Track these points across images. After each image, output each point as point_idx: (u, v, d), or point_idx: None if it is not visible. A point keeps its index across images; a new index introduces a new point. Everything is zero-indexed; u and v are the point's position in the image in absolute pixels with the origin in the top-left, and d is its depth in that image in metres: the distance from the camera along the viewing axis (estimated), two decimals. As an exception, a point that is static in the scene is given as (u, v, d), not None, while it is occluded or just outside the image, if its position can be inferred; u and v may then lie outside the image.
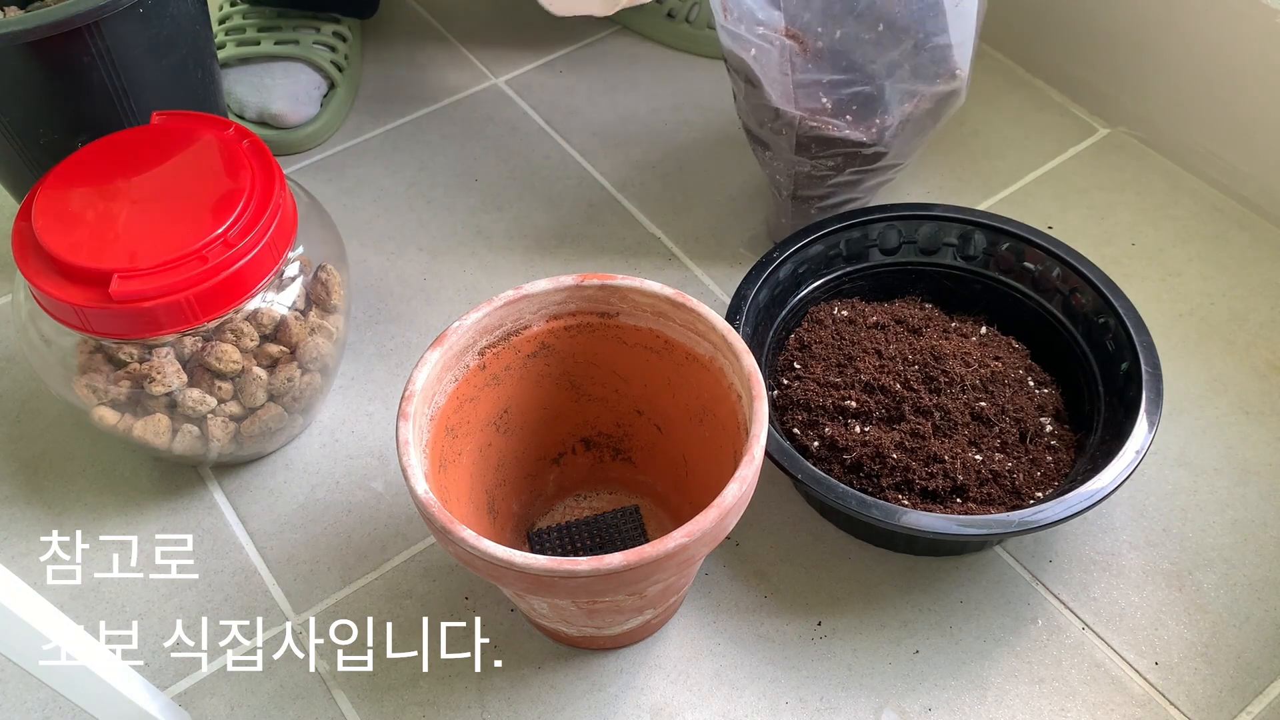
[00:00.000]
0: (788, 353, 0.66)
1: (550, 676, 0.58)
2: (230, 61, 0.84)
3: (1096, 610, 0.60)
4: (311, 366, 0.62)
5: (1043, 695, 0.57)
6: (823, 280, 0.68)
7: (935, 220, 0.68)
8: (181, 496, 0.66)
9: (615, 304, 0.56)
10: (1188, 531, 0.63)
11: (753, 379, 0.51)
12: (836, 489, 0.55)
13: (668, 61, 0.90)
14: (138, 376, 0.57)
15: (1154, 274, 0.75)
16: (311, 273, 0.62)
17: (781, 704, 0.57)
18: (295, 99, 0.83)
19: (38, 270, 0.55)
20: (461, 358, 0.54)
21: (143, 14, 0.63)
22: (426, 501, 0.47)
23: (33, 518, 0.65)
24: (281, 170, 0.59)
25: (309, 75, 0.84)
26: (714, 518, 0.47)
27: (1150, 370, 0.60)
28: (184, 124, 0.61)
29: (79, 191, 0.58)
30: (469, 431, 0.56)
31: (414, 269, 0.77)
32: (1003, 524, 0.54)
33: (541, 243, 0.78)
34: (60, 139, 0.65)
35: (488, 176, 0.83)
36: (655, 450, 0.61)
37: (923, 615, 0.60)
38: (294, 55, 0.84)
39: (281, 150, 0.84)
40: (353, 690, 0.58)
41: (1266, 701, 0.57)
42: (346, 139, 0.85)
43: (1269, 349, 0.71)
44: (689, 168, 0.83)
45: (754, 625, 0.59)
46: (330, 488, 0.66)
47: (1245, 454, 0.66)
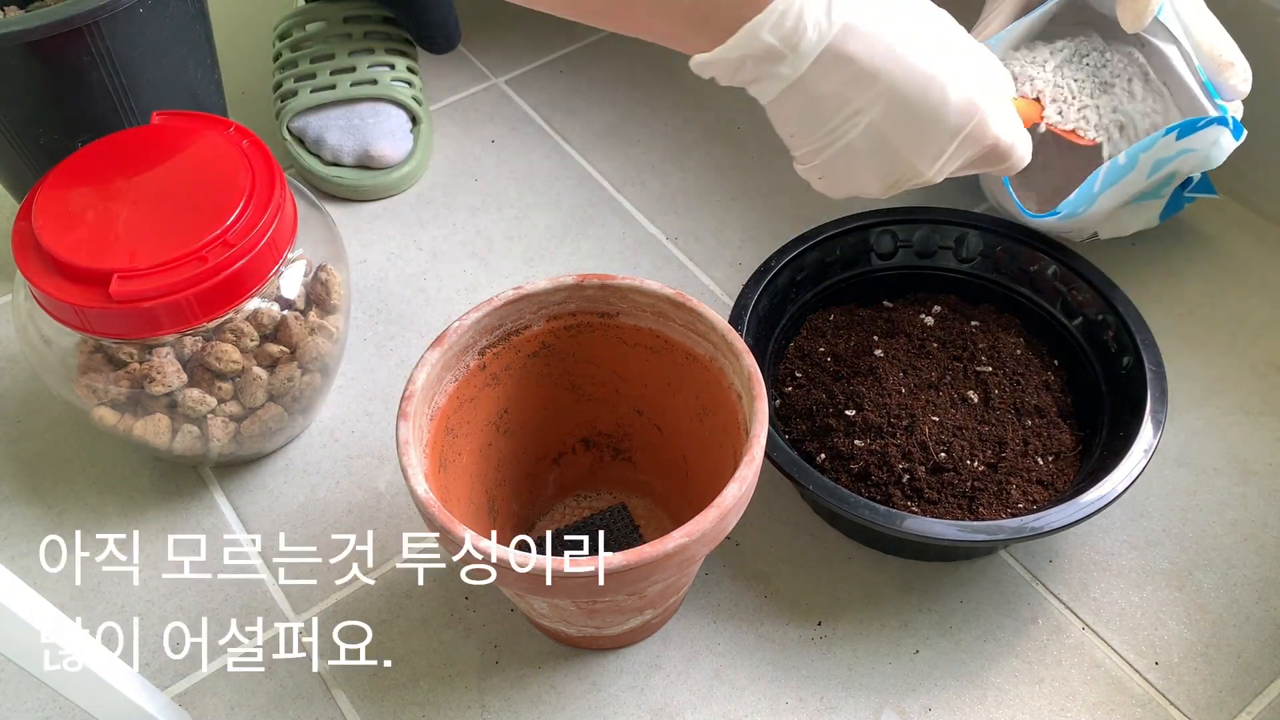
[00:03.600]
0: (788, 361, 0.66)
1: (550, 676, 0.58)
2: (307, 108, 0.80)
3: (1097, 610, 0.60)
4: (311, 366, 0.62)
5: (1043, 695, 0.57)
6: (820, 287, 0.68)
7: (931, 223, 0.68)
8: (181, 496, 0.66)
9: (615, 304, 0.56)
10: (1188, 531, 0.63)
11: (753, 379, 0.51)
12: (848, 499, 0.55)
13: (668, 60, 0.90)
14: (138, 376, 0.57)
15: (1154, 274, 0.75)
16: (311, 273, 0.62)
17: (781, 704, 0.57)
18: (393, 137, 0.80)
19: (38, 270, 0.55)
20: (461, 358, 0.54)
21: (143, 14, 0.63)
22: (426, 501, 0.47)
23: (33, 518, 0.65)
24: (281, 170, 0.59)
25: (397, 113, 0.81)
26: (714, 518, 0.47)
27: (1154, 369, 0.60)
28: (184, 124, 0.61)
29: (79, 191, 0.58)
30: (469, 431, 0.56)
31: (414, 269, 0.77)
32: (1015, 530, 0.54)
33: (541, 243, 0.78)
34: (60, 139, 0.65)
35: (487, 176, 0.83)
36: (655, 450, 0.61)
37: (923, 615, 0.60)
38: (377, 95, 0.80)
39: (376, 195, 0.81)
40: (353, 690, 0.58)
41: (1266, 701, 0.57)
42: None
43: (1269, 349, 0.71)
44: (689, 168, 0.83)
45: (754, 625, 0.59)
46: (330, 488, 0.66)
47: (1245, 454, 0.66)
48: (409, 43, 0.85)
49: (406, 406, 0.51)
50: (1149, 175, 0.64)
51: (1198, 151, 0.63)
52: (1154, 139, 0.62)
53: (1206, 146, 0.63)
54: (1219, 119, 0.62)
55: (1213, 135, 0.62)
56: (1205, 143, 0.63)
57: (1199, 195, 0.72)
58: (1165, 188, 0.68)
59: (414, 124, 0.82)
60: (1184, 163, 0.64)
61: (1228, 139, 0.63)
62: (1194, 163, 0.65)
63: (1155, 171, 0.64)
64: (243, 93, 0.87)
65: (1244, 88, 0.65)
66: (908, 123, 0.43)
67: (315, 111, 0.81)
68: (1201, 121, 0.62)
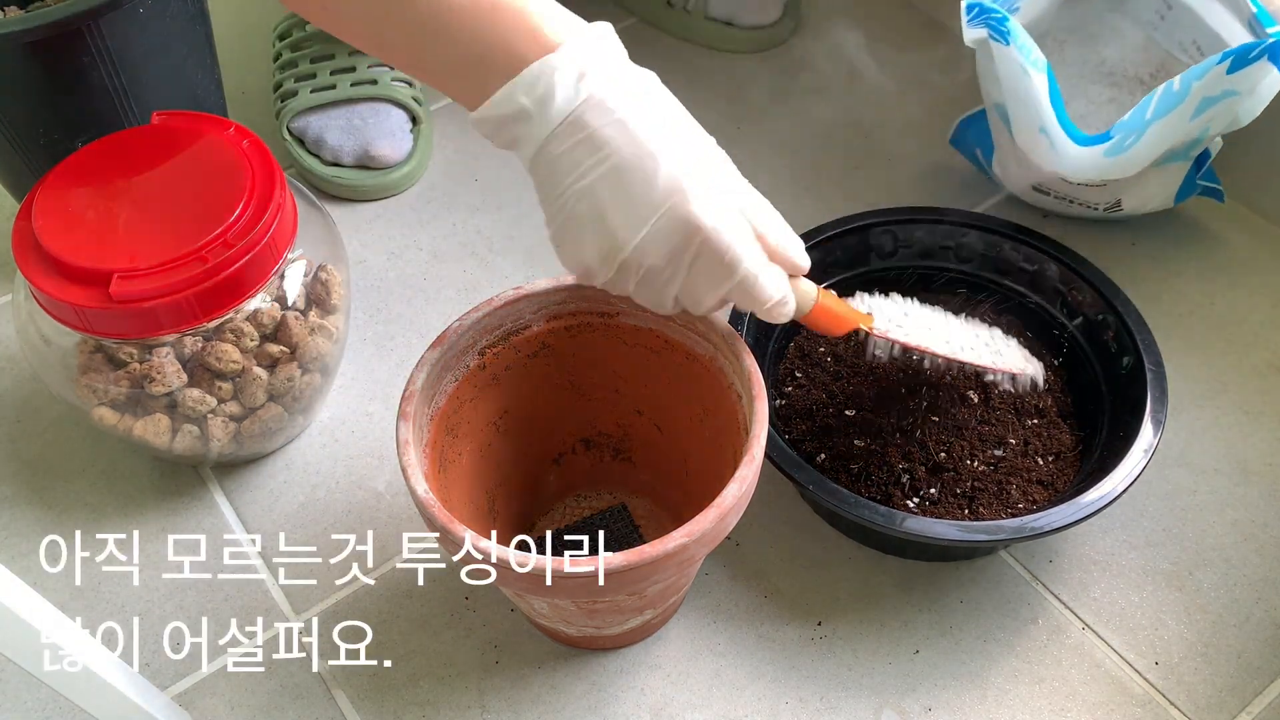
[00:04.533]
0: (788, 361, 0.66)
1: (550, 676, 0.58)
2: (307, 108, 0.80)
3: (1097, 610, 0.60)
4: (311, 366, 0.62)
5: (1043, 695, 0.57)
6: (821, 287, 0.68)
7: (931, 223, 0.68)
8: (181, 496, 0.66)
9: (615, 304, 0.56)
10: (1188, 531, 0.63)
11: (753, 379, 0.51)
12: (848, 499, 0.55)
13: (668, 56, 0.90)
14: (138, 376, 0.57)
15: (1154, 274, 0.75)
16: (311, 273, 0.62)
17: (781, 704, 0.57)
18: (393, 137, 0.80)
19: (38, 270, 0.55)
20: (461, 358, 0.54)
21: (143, 14, 0.63)
22: (426, 501, 0.47)
23: (33, 518, 0.65)
24: (282, 170, 0.59)
25: (397, 113, 0.81)
26: (714, 518, 0.47)
27: (1154, 369, 0.60)
28: (184, 124, 0.61)
29: (79, 191, 0.58)
30: (469, 431, 0.56)
31: (414, 269, 0.77)
32: (1015, 530, 0.54)
33: (541, 243, 0.78)
34: (60, 139, 0.65)
35: (487, 176, 0.83)
36: (655, 450, 0.61)
37: (923, 615, 0.60)
38: (377, 95, 0.80)
39: (375, 194, 0.81)
40: (353, 690, 0.58)
41: (1266, 701, 0.57)
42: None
43: (1269, 349, 0.71)
44: (689, 168, 0.82)
45: (754, 625, 0.59)
46: (330, 488, 0.66)
47: (1245, 454, 0.66)
48: None
49: (406, 406, 0.51)
50: (1193, 117, 0.64)
51: (1241, 95, 0.63)
52: (1207, 66, 0.62)
53: (1252, 88, 0.63)
54: (1273, 47, 0.61)
55: (1262, 72, 0.62)
56: (1252, 82, 0.63)
57: (1207, 184, 0.72)
58: (1194, 149, 0.68)
59: (414, 124, 0.82)
60: (1226, 110, 0.64)
61: (1273, 79, 0.62)
62: (1234, 112, 0.64)
63: (1198, 115, 0.64)
64: (243, 93, 0.87)
65: None
66: (620, 190, 0.45)
67: (315, 111, 0.81)
68: (1254, 50, 0.62)
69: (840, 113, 0.86)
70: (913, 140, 0.83)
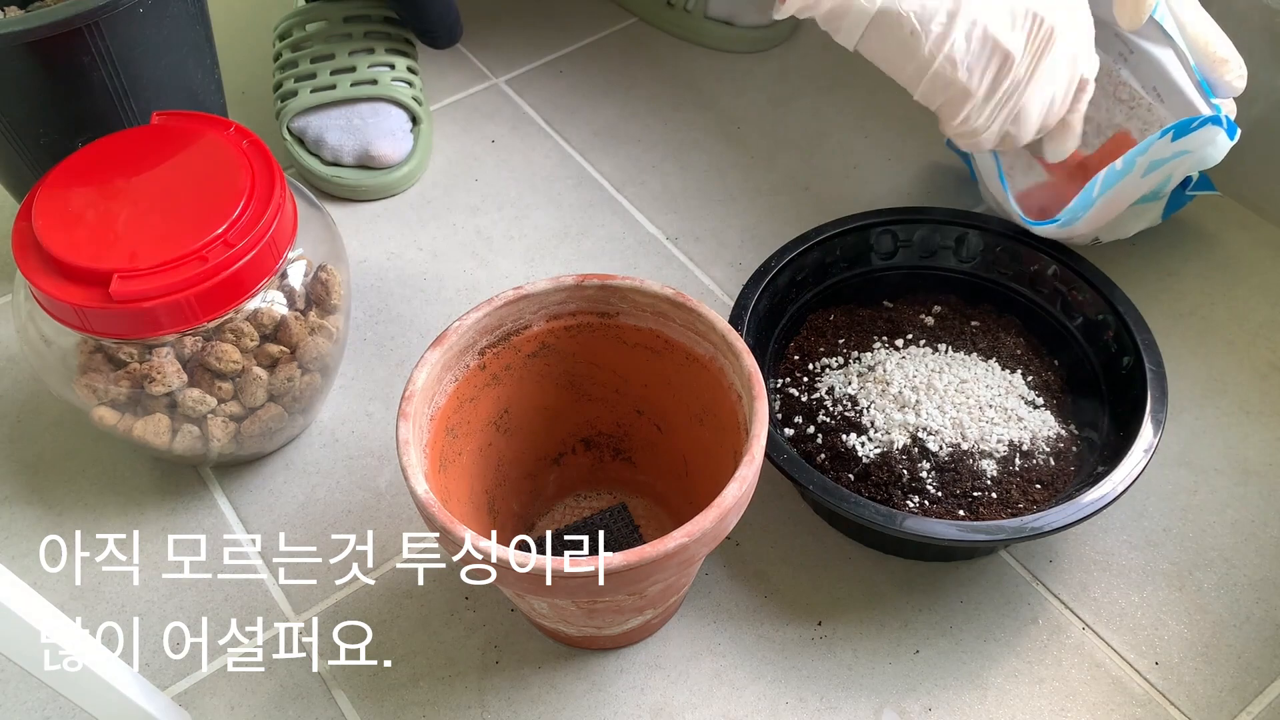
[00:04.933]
0: (788, 360, 0.66)
1: (550, 676, 0.58)
2: (307, 108, 0.80)
3: (1097, 610, 0.60)
4: (311, 366, 0.63)
5: (1043, 695, 0.57)
6: (820, 287, 0.68)
7: (931, 223, 0.68)
8: (181, 496, 0.66)
9: (615, 304, 0.56)
10: (1188, 531, 0.63)
11: (753, 379, 0.51)
12: (848, 499, 0.55)
13: (668, 59, 0.91)
14: (138, 376, 0.58)
15: (1154, 274, 0.75)
16: (311, 273, 0.62)
17: (781, 704, 0.57)
18: (393, 136, 0.80)
19: (38, 270, 0.55)
20: (461, 358, 0.54)
21: (143, 14, 0.63)
22: (426, 501, 0.47)
23: (33, 518, 0.65)
24: (282, 170, 0.59)
25: (397, 112, 0.81)
26: (714, 518, 0.47)
27: (1154, 369, 0.60)
28: (184, 124, 0.61)
29: (79, 191, 0.58)
30: (469, 431, 0.56)
31: (414, 269, 0.77)
32: (1015, 530, 0.54)
33: (541, 243, 0.78)
34: (60, 139, 0.65)
35: (487, 176, 0.83)
36: (655, 450, 0.61)
37: (923, 615, 0.60)
38: (377, 95, 0.80)
39: (376, 195, 0.81)
40: (353, 690, 0.58)
41: (1266, 701, 0.57)
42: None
43: (1269, 349, 0.71)
44: (689, 168, 0.83)
45: (754, 625, 0.59)
46: (330, 488, 0.66)
47: (1245, 454, 0.66)
48: (409, 42, 0.85)
49: (406, 406, 0.51)
50: (1144, 175, 0.64)
51: (1193, 153, 0.63)
52: (1149, 141, 0.62)
53: (1202, 147, 0.63)
54: (1213, 118, 0.62)
55: (1208, 135, 0.62)
56: (1201, 143, 0.63)
57: (1200, 192, 0.72)
58: (1164, 189, 0.68)
59: (414, 124, 0.82)
60: (1180, 164, 0.64)
61: (1223, 139, 0.63)
62: (1190, 164, 0.65)
63: (1151, 172, 0.64)
64: (243, 93, 0.87)
65: (1239, 84, 0.65)
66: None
67: (315, 111, 0.80)
68: (1195, 122, 0.62)
69: (840, 113, 0.86)
70: (913, 140, 0.84)
